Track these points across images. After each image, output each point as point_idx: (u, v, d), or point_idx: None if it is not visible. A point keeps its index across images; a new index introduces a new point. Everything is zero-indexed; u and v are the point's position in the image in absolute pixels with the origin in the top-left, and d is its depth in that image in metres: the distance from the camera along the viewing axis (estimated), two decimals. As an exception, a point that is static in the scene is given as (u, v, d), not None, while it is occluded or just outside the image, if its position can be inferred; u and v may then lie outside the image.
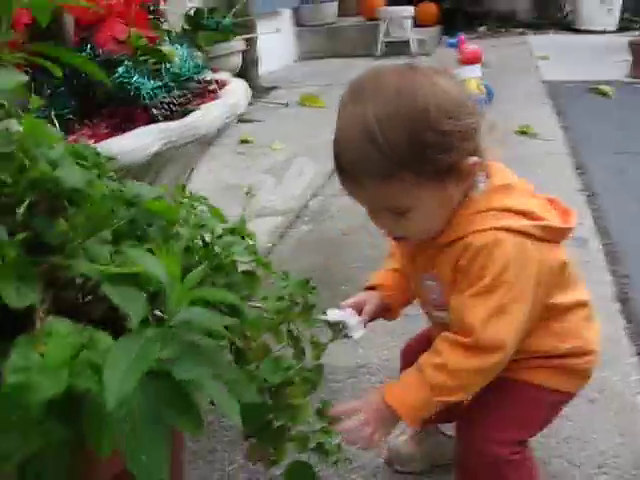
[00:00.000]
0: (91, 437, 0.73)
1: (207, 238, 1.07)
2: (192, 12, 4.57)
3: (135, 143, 1.22)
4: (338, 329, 1.09)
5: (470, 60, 4.26)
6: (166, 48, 1.59)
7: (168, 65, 1.54)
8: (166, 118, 1.41)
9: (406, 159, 0.94)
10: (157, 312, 0.80)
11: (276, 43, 6.72)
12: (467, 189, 1.03)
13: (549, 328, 1.09)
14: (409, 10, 7.20)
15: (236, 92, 1.60)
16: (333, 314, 1.11)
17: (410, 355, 1.25)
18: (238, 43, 4.76)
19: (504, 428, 1.09)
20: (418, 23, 7.75)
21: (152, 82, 1.46)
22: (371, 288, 1.25)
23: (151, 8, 1.77)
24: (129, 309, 0.74)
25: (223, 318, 0.79)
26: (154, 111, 1.42)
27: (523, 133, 3.77)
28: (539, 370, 1.11)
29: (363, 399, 1.10)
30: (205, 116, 1.39)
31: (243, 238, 1.13)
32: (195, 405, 0.78)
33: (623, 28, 8.27)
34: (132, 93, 1.42)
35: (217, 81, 1.71)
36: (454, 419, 1.21)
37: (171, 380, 0.76)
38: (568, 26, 8.75)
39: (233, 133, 4.27)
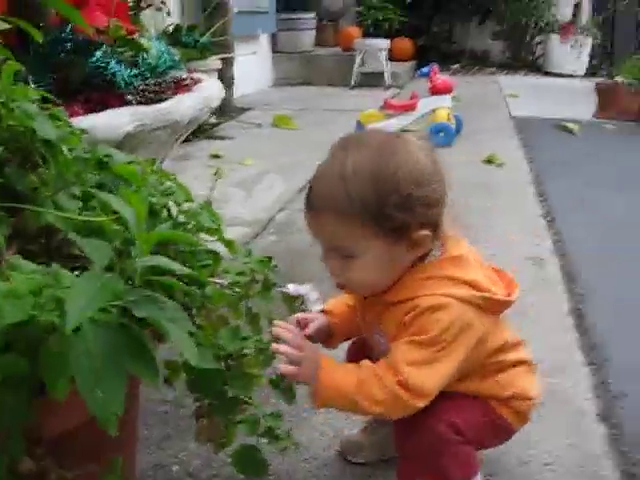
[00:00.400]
0: (48, 377, 0.75)
1: (173, 210, 1.10)
2: (170, 28, 4.62)
3: (109, 121, 1.25)
4: (298, 302, 1.12)
5: (441, 90, 4.36)
6: (144, 41, 1.63)
7: (145, 56, 1.57)
8: (140, 104, 1.44)
9: (367, 208, 1.03)
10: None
11: (253, 67, 6.80)
12: (422, 256, 1.11)
13: (494, 380, 1.19)
14: (385, 43, 7.34)
15: (210, 88, 1.64)
16: (294, 289, 1.14)
17: (355, 353, 1.33)
18: (214, 62, 4.81)
19: (446, 410, 1.13)
20: (393, 57, 7.91)
21: (128, 70, 1.49)
22: (322, 311, 1.29)
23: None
24: (93, 256, 0.76)
25: (183, 268, 0.81)
26: (129, 97, 1.45)
27: (489, 162, 3.86)
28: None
29: (309, 346, 1.13)
30: (179, 104, 1.43)
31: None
32: (152, 356, 0.80)
33: (591, 73, 8.54)
34: (108, 79, 1.45)
35: (192, 78, 1.75)
36: None
37: (130, 330, 0.78)
38: (538, 69, 8.99)
39: (204, 147, 4.31)
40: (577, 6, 9.11)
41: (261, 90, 7.19)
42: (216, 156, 4.04)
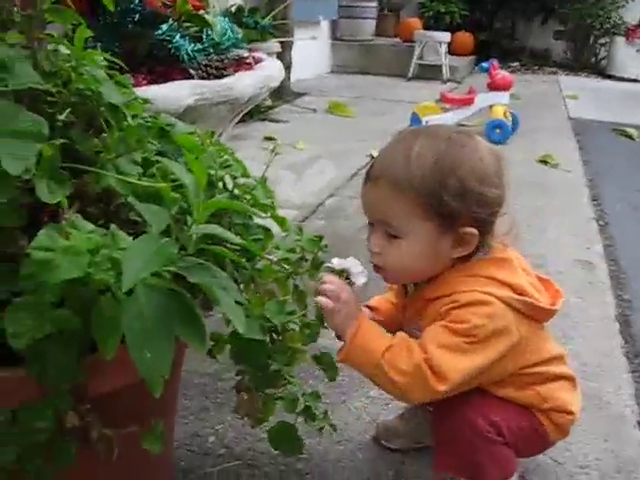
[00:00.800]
0: (99, 335, 0.77)
1: (229, 184, 1.11)
2: (233, 9, 4.65)
3: (171, 92, 1.27)
4: (343, 277, 1.13)
5: (500, 86, 4.31)
6: (209, 17, 1.64)
7: (209, 32, 1.59)
8: (202, 79, 1.46)
9: (425, 186, 1.04)
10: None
11: (311, 52, 6.80)
12: (467, 256, 1.11)
13: (534, 390, 1.16)
14: (445, 36, 7.27)
15: (270, 67, 1.65)
16: (338, 262, 1.14)
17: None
18: (274, 45, 4.82)
19: (490, 409, 1.13)
20: (453, 51, 7.83)
21: (192, 45, 1.51)
22: (367, 307, 1.30)
23: None
24: (151, 220, 0.78)
25: (237, 238, 0.82)
26: (191, 71, 1.47)
27: (544, 162, 3.80)
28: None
29: (353, 298, 1.11)
30: (239, 81, 1.44)
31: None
32: (202, 323, 0.81)
33: (656, 79, 8.34)
34: (172, 52, 1.47)
35: (254, 57, 1.76)
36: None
37: (181, 296, 0.80)
38: (601, 71, 8.80)
39: (259, 129, 4.34)
40: (646, 9, 8.89)
41: (318, 76, 7.19)
42: (270, 138, 4.06)
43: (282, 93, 5.53)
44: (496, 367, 1.08)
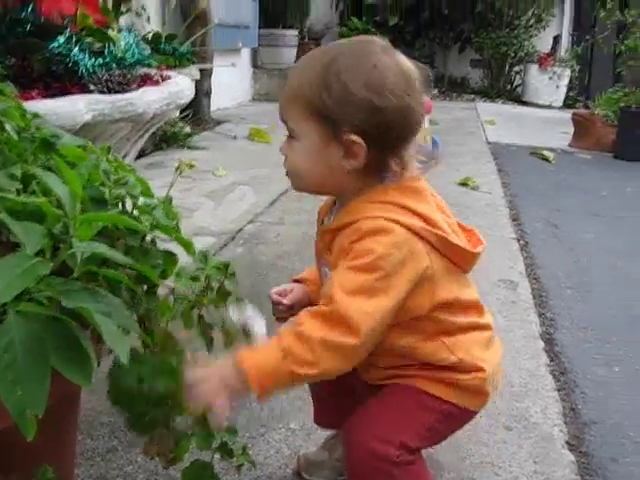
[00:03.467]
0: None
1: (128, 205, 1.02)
2: (150, 36, 4.55)
3: (66, 107, 1.18)
4: (241, 329, 1.04)
5: (419, 110, 4.33)
6: (112, 32, 1.56)
7: (112, 47, 1.50)
8: (102, 94, 1.37)
9: (311, 89, 1.01)
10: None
11: (232, 80, 6.75)
12: (373, 183, 1.04)
13: (440, 341, 1.07)
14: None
15: (179, 84, 1.57)
16: (236, 314, 1.05)
17: None
18: (192, 71, 4.74)
19: (392, 429, 1.05)
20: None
21: (93, 59, 1.42)
22: (297, 281, 1.25)
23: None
24: (24, 238, 0.69)
25: (126, 258, 0.74)
26: (90, 86, 1.38)
27: (465, 185, 3.83)
28: (429, 380, 1.08)
29: (216, 364, 1.00)
30: (143, 96, 1.35)
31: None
32: (86, 354, 0.72)
33: (568, 104, 8.62)
34: (70, 65, 1.37)
35: (161, 74, 1.68)
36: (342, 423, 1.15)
37: (61, 323, 0.70)
38: (516, 98, 9.05)
39: (177, 156, 4.23)
40: (556, 38, 9.22)
41: (239, 103, 7.14)
42: (189, 165, 3.96)
43: (202, 120, 5.45)
44: (411, 300, 1.01)
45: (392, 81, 1.00)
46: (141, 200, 1.06)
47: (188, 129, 4.78)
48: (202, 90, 5.34)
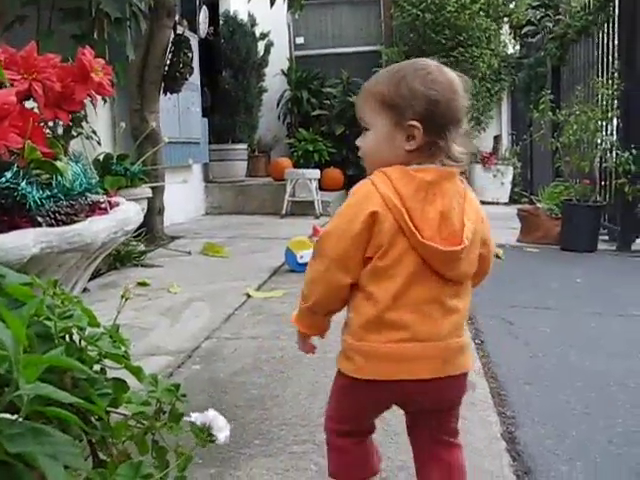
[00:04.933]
0: None
1: (76, 336, 1.03)
2: (101, 157, 4.62)
3: (12, 242, 1.19)
4: (204, 431, 1.04)
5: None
6: (60, 163, 1.60)
7: (59, 178, 1.53)
8: (50, 227, 1.39)
9: (380, 91, 1.34)
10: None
11: (184, 196, 6.85)
12: (422, 161, 1.31)
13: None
14: (315, 173, 7.55)
15: (126, 211, 1.60)
16: (199, 417, 1.05)
17: None
18: (145, 190, 4.81)
19: (328, 412, 1.42)
20: (324, 187, 8.11)
21: (40, 192, 1.44)
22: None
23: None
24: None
25: (70, 396, 0.74)
26: (39, 219, 1.40)
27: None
28: (341, 355, 1.34)
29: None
30: (90, 226, 1.38)
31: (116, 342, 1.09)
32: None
33: (514, 200, 8.91)
34: (17, 199, 1.40)
35: (109, 202, 1.71)
36: None
37: (9, 466, 0.70)
38: (464, 197, 9.32)
39: (131, 275, 4.23)
40: (497, 138, 9.64)
41: (193, 219, 7.22)
42: (143, 284, 3.96)
43: (155, 237, 5.48)
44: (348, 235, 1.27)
45: (441, 82, 1.31)
46: (88, 330, 1.07)
47: (142, 247, 4.79)
48: (155, 208, 5.41)
